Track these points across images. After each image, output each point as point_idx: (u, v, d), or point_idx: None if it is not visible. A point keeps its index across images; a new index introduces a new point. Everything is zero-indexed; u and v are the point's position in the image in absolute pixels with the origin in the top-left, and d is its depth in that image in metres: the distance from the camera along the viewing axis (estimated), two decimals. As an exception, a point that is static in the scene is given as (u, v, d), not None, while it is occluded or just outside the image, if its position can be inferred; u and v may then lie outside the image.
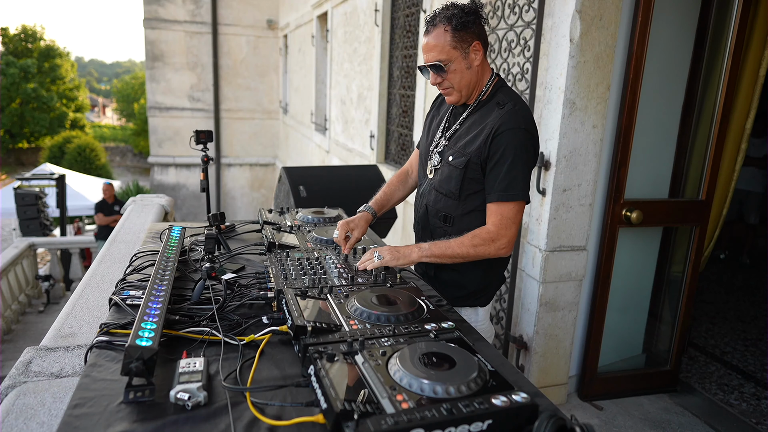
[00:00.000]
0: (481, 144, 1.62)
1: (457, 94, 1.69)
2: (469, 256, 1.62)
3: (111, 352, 1.17)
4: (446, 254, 1.62)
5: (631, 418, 2.82)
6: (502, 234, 1.61)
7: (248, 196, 12.81)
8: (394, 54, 5.29)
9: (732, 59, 2.72)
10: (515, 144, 1.58)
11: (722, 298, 4.83)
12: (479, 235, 1.62)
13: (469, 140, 1.68)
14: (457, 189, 1.70)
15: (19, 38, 28.35)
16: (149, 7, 11.69)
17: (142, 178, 22.49)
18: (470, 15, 1.61)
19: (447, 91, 1.70)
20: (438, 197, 1.77)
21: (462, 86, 1.67)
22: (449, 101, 1.74)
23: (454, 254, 1.61)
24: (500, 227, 1.61)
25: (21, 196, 8.93)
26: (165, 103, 12.14)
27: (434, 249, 1.62)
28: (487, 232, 1.62)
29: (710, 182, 2.88)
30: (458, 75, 1.65)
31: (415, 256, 1.61)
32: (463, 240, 1.62)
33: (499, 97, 1.68)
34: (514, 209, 1.62)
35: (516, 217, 1.63)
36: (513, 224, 1.62)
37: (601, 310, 2.89)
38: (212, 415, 0.96)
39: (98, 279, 2.41)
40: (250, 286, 1.55)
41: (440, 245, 1.63)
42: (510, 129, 1.58)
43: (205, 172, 2.08)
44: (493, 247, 1.61)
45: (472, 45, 1.63)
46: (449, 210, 1.75)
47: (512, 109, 1.62)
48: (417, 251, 1.62)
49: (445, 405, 0.87)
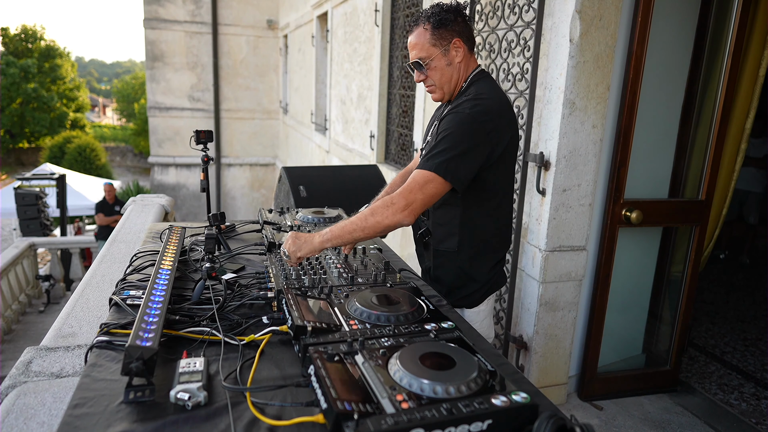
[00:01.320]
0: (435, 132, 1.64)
1: (440, 91, 1.71)
2: (368, 225, 1.52)
3: (111, 352, 1.17)
4: (346, 230, 1.53)
5: (631, 418, 2.82)
6: (401, 197, 1.51)
7: (248, 196, 12.81)
8: (394, 54, 5.29)
9: (732, 59, 2.72)
10: (452, 125, 1.56)
11: (722, 298, 4.83)
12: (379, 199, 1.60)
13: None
14: None
15: (19, 38, 28.35)
16: (149, 7, 11.69)
17: (142, 178, 22.49)
18: (449, 13, 1.63)
19: (430, 89, 1.73)
20: None
21: (443, 83, 1.69)
22: (434, 98, 1.76)
23: (353, 228, 1.52)
24: (403, 191, 1.52)
25: (21, 196, 8.94)
26: (165, 103, 12.15)
27: (335, 230, 1.55)
28: (389, 196, 1.54)
29: (710, 182, 2.88)
30: (438, 72, 1.66)
31: (317, 242, 1.54)
32: (363, 211, 1.56)
33: (471, 89, 1.67)
34: (423, 177, 1.53)
35: (424, 188, 1.52)
36: (419, 192, 1.52)
37: (600, 310, 2.89)
38: (212, 415, 0.96)
39: (98, 279, 2.42)
40: (250, 286, 1.55)
41: (339, 225, 1.56)
42: (453, 112, 1.59)
43: (205, 172, 2.08)
44: (389, 210, 1.51)
45: (453, 42, 1.64)
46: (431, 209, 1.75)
47: (469, 98, 1.61)
48: (318, 237, 1.55)
49: (445, 405, 0.87)
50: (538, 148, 2.70)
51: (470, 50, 1.70)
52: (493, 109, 1.60)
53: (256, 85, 12.40)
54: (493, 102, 1.61)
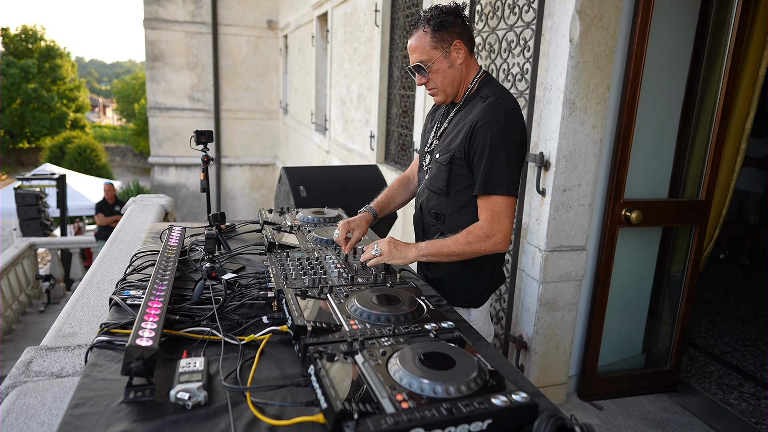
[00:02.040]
0: (463, 139, 1.64)
1: (443, 94, 1.72)
2: (465, 253, 1.61)
3: (111, 352, 1.17)
4: (443, 252, 1.61)
5: (631, 417, 2.82)
6: (496, 229, 1.59)
7: (248, 196, 12.81)
8: (394, 54, 5.29)
9: (732, 59, 2.72)
10: (492, 137, 1.58)
11: (722, 298, 4.83)
12: (474, 231, 1.61)
13: (453, 136, 1.70)
14: (444, 185, 1.71)
15: (19, 38, 28.35)
16: (149, 7, 11.69)
17: (142, 178, 22.49)
18: (449, 15, 1.63)
19: (432, 91, 1.73)
20: (430, 195, 1.80)
21: (445, 85, 1.69)
22: (436, 101, 1.77)
23: (450, 252, 1.61)
24: (492, 222, 1.60)
25: (21, 196, 8.94)
26: (165, 103, 12.15)
27: (431, 248, 1.62)
28: (480, 228, 1.61)
29: (710, 182, 2.88)
30: (440, 75, 1.67)
31: (413, 255, 1.61)
32: (458, 238, 1.61)
33: (484, 92, 1.68)
34: (502, 203, 1.60)
35: (507, 211, 1.60)
36: (505, 218, 1.60)
37: (600, 310, 2.89)
38: (212, 415, 0.96)
39: (99, 279, 2.42)
40: (250, 286, 1.56)
41: (436, 244, 1.62)
42: (488, 122, 1.58)
43: (206, 172, 2.08)
44: (488, 243, 1.59)
45: (453, 44, 1.64)
46: (440, 207, 1.76)
47: (493, 103, 1.62)
48: (414, 250, 1.62)
49: (445, 405, 0.87)
50: (538, 148, 2.70)
51: (470, 51, 1.71)
52: (517, 110, 1.66)
53: (256, 85, 12.40)
54: (514, 104, 1.67)
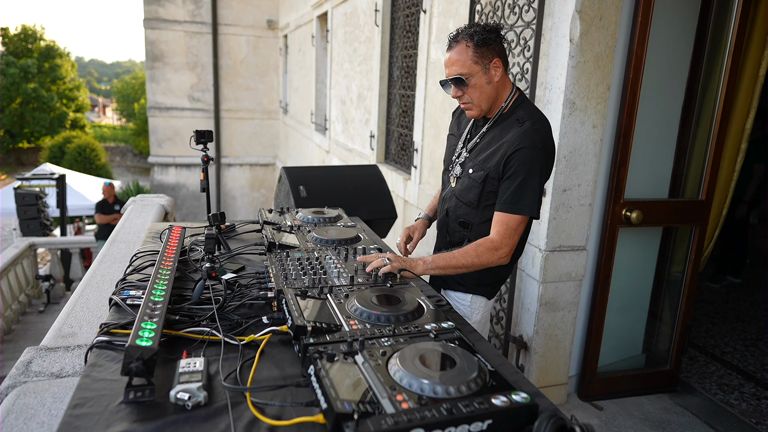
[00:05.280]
0: (499, 160, 1.69)
1: (477, 109, 1.76)
2: (473, 265, 1.69)
3: (111, 352, 1.17)
4: (450, 265, 1.69)
5: (631, 418, 2.82)
6: (504, 243, 1.68)
7: (248, 196, 12.81)
8: (394, 54, 5.29)
9: (732, 59, 2.72)
10: (530, 162, 1.65)
11: (722, 298, 4.83)
12: (483, 244, 1.69)
13: (488, 155, 1.74)
14: (476, 200, 1.79)
15: (19, 38, 28.35)
16: (149, 7, 11.69)
17: (142, 178, 22.49)
18: (491, 33, 1.68)
19: (467, 106, 1.76)
20: (458, 204, 1.86)
21: (482, 101, 1.73)
22: (470, 115, 1.80)
23: (458, 265, 1.69)
24: (504, 236, 1.68)
25: (21, 196, 8.93)
26: (165, 103, 12.15)
27: (439, 261, 1.69)
28: (490, 241, 1.69)
29: (710, 182, 2.88)
30: (478, 90, 1.71)
31: (420, 270, 1.67)
32: (467, 250, 1.69)
33: (519, 114, 1.74)
34: (519, 221, 1.69)
35: (519, 228, 1.70)
36: (516, 234, 1.70)
37: (600, 310, 2.89)
38: (212, 415, 0.96)
39: (98, 279, 2.42)
40: (250, 286, 1.55)
41: (444, 257, 1.69)
42: (526, 147, 1.65)
43: (205, 172, 2.08)
44: (495, 255, 1.68)
45: (493, 62, 1.69)
46: (468, 217, 1.84)
47: (531, 128, 1.68)
48: (422, 264, 1.67)
49: (445, 405, 0.87)
50: (538, 148, 2.69)
51: (506, 71, 1.76)
52: (551, 134, 1.73)
53: (256, 85, 12.40)
54: (548, 127, 1.74)
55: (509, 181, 1.68)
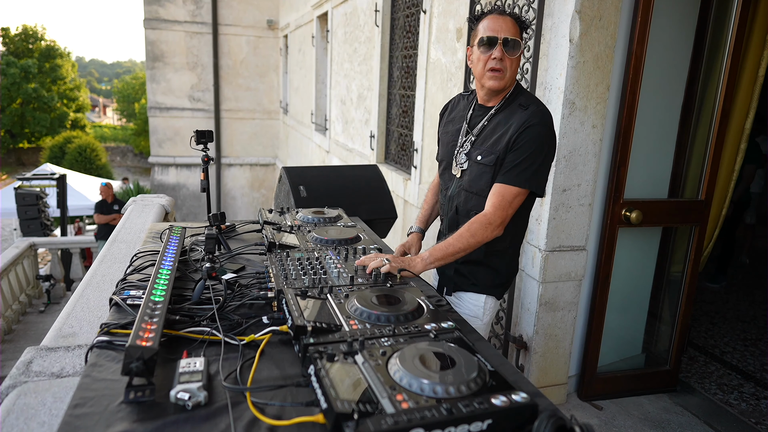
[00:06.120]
0: (508, 141, 1.69)
1: (504, 80, 1.73)
2: (469, 246, 1.67)
3: (111, 352, 1.17)
4: (449, 253, 1.66)
5: (631, 418, 2.82)
6: (497, 215, 1.66)
7: (248, 196, 12.81)
8: (394, 54, 5.29)
9: (732, 59, 2.72)
10: (537, 138, 1.66)
11: (722, 298, 4.83)
12: (475, 221, 1.67)
13: (496, 139, 1.74)
14: (488, 186, 1.74)
15: (19, 38, 28.36)
16: (149, 7, 11.69)
17: (142, 178, 22.50)
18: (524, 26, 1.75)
19: (498, 74, 1.72)
20: (468, 197, 1.82)
21: (512, 73, 1.74)
22: (493, 86, 1.74)
23: (455, 251, 1.66)
24: (497, 208, 1.67)
25: (22, 196, 8.94)
26: (165, 103, 12.15)
27: (436, 254, 1.66)
28: (484, 216, 1.68)
29: (710, 182, 2.88)
30: (515, 63, 1.73)
31: (419, 268, 1.65)
32: (461, 233, 1.67)
33: (521, 100, 1.76)
34: (517, 195, 1.68)
35: (514, 202, 1.68)
36: (510, 207, 1.68)
37: (600, 310, 2.89)
38: (212, 415, 0.96)
39: (99, 279, 2.42)
40: (250, 286, 1.56)
41: (440, 248, 1.67)
42: (535, 125, 1.67)
43: (206, 172, 2.08)
44: (488, 230, 1.67)
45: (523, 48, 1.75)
46: (480, 208, 1.77)
47: (537, 109, 1.71)
48: (420, 262, 1.65)
49: (445, 405, 0.87)
50: (538, 148, 2.69)
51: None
52: (551, 117, 1.74)
53: (256, 85, 12.40)
54: (550, 113, 1.75)
55: (513, 155, 1.67)
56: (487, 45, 1.70)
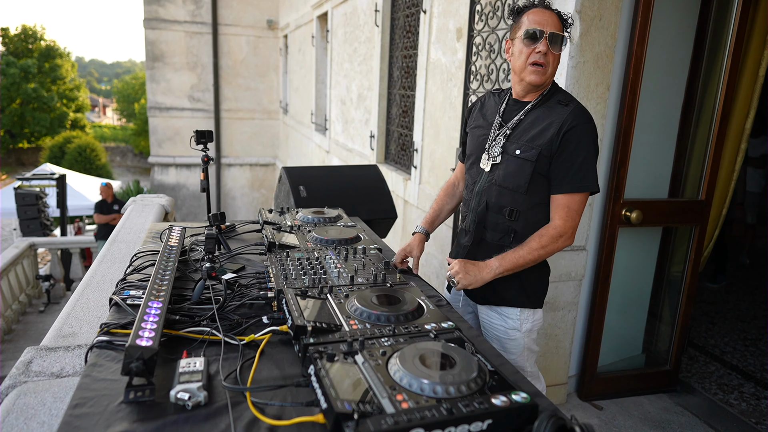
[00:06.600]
0: (552, 137, 1.66)
1: (545, 76, 1.70)
2: (540, 258, 1.68)
3: (111, 352, 1.17)
4: (518, 264, 1.66)
5: (631, 418, 2.82)
6: (568, 227, 1.66)
7: (248, 196, 12.81)
8: (394, 54, 5.29)
9: (732, 59, 2.72)
10: (588, 138, 1.66)
11: (722, 298, 4.83)
12: (546, 234, 1.66)
13: (536, 134, 1.69)
14: (526, 182, 1.70)
15: (19, 38, 28.35)
16: (149, 7, 11.69)
17: (142, 178, 22.49)
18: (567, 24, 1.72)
19: (540, 69, 1.68)
20: (501, 192, 1.75)
21: (553, 69, 1.72)
22: (534, 80, 1.70)
23: (525, 262, 1.66)
24: (566, 220, 1.66)
25: (21, 196, 8.94)
26: (165, 103, 12.15)
27: (506, 264, 1.66)
28: (554, 228, 1.67)
29: (710, 182, 2.88)
30: (557, 59, 1.72)
31: (488, 277, 1.65)
32: (531, 245, 1.66)
33: (559, 96, 1.74)
34: (582, 200, 1.69)
35: (581, 208, 1.69)
36: (578, 215, 1.69)
37: (600, 310, 2.89)
38: (212, 415, 0.96)
39: (99, 279, 2.42)
40: (250, 286, 1.56)
41: (510, 258, 1.66)
42: (582, 123, 1.65)
43: (206, 172, 2.08)
44: (560, 242, 1.67)
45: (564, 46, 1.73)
46: (515, 205, 1.73)
47: (579, 107, 1.69)
48: (488, 271, 1.65)
49: (445, 405, 0.87)
50: (538, 148, 2.69)
51: None
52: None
53: (256, 85, 12.40)
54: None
55: (571, 158, 1.64)
56: (532, 38, 1.65)
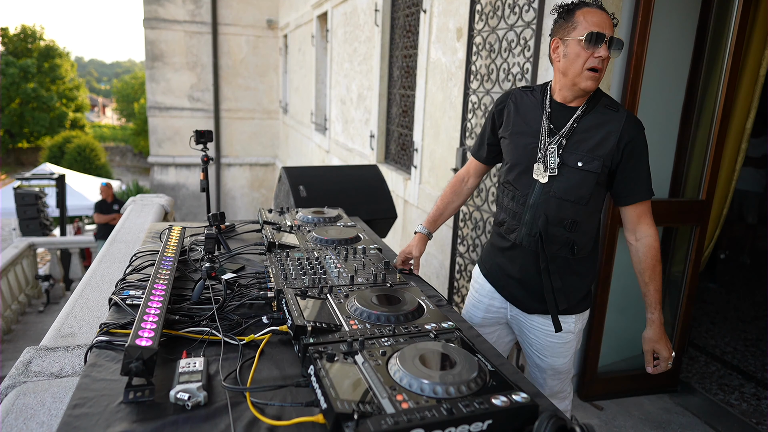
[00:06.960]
0: (613, 148, 1.62)
1: (599, 82, 1.64)
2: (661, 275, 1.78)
3: (111, 352, 1.16)
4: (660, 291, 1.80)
5: (632, 418, 2.82)
6: (655, 229, 1.73)
7: (248, 196, 12.81)
8: (394, 54, 5.29)
9: (732, 59, 2.72)
10: (646, 146, 1.68)
11: (722, 298, 4.83)
12: (652, 246, 1.72)
13: (596, 144, 1.63)
14: (588, 194, 1.66)
15: (18, 38, 28.35)
16: (149, 7, 11.69)
17: (142, 177, 22.49)
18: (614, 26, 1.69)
19: (597, 75, 1.61)
20: (562, 205, 1.67)
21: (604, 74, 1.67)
22: (589, 86, 1.62)
23: (661, 286, 1.79)
24: (652, 225, 1.73)
25: (21, 195, 8.93)
26: (165, 103, 12.15)
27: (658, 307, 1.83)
28: (651, 237, 1.72)
29: (710, 182, 2.88)
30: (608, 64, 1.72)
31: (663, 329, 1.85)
32: (654, 266, 1.73)
33: (605, 100, 1.70)
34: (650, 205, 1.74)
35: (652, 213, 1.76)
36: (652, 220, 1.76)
37: (601, 310, 2.88)
38: (212, 415, 0.95)
39: (98, 279, 2.41)
40: (250, 286, 1.55)
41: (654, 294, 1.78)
42: (639, 132, 1.66)
43: (205, 172, 2.08)
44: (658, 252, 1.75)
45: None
46: (576, 216, 1.69)
47: (630, 114, 1.68)
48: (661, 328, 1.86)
49: (445, 405, 0.87)
50: (538, 148, 2.69)
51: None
52: None
53: (256, 85, 12.40)
54: None
55: (639, 166, 1.66)
56: (593, 42, 1.55)
